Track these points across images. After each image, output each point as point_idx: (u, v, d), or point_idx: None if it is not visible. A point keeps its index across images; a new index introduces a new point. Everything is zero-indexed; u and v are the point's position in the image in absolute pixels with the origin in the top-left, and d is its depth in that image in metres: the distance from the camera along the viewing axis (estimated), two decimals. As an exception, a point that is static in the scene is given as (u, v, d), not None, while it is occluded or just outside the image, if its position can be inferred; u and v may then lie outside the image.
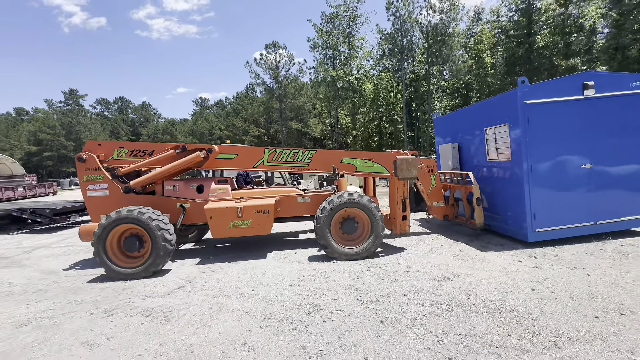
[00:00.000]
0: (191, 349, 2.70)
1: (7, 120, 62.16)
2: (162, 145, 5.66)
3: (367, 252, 4.98)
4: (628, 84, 5.07)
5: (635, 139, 5.15)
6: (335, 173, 5.56)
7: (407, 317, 3.02)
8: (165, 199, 5.50)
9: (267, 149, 5.67)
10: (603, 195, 5.10)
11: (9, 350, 2.85)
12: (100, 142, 5.58)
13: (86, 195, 5.30)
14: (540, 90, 4.97)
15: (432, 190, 5.99)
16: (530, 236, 5.00)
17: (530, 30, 20.90)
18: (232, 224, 5.02)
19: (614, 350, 2.36)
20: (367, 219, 5.05)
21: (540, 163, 4.97)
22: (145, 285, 4.33)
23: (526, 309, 3.06)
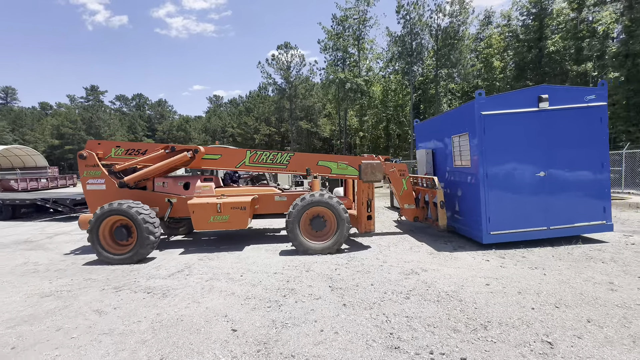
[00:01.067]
0: (181, 318, 3.24)
1: (32, 115, 65.25)
2: (154, 146, 6.30)
3: (332, 248, 5.41)
4: (583, 98, 5.34)
5: (587, 149, 5.40)
6: (309, 174, 6.06)
7: (368, 302, 3.48)
8: (155, 194, 6.10)
9: (249, 151, 6.21)
10: (556, 202, 5.37)
11: (36, 314, 3.47)
12: (99, 142, 6.26)
13: (86, 188, 5.96)
14: (497, 102, 5.31)
15: (403, 193, 6.37)
16: (485, 238, 5.34)
17: (541, 34, 20.72)
18: (212, 218, 5.54)
19: (532, 334, 2.76)
20: (334, 217, 5.48)
21: (495, 170, 5.30)
22: (150, 269, 4.93)
23: (473, 300, 3.46)
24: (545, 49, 20.66)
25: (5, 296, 4.01)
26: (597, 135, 5.38)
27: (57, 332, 3.05)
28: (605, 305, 3.24)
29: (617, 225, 6.97)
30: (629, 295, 3.47)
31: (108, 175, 5.96)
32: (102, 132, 57.67)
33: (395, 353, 2.53)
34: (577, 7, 19.10)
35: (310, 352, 2.57)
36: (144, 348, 2.71)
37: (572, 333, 2.75)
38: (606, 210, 5.46)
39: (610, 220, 5.50)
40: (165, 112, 74.57)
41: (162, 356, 2.58)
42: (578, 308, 3.21)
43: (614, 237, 5.91)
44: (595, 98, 5.33)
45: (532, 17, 21.73)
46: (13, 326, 3.20)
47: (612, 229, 5.57)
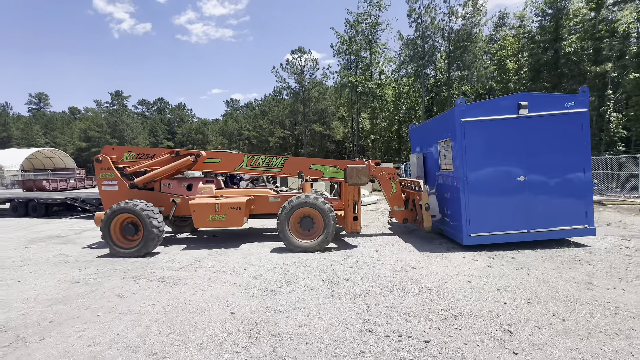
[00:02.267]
0: (189, 302, 3.72)
1: (62, 119, 69.21)
2: (161, 150, 6.92)
3: (319, 246, 5.79)
4: (563, 104, 5.44)
5: (569, 155, 5.49)
6: (301, 177, 6.48)
7: (353, 294, 3.84)
8: (161, 195, 6.71)
9: (247, 155, 6.74)
10: (536, 206, 5.49)
11: (68, 296, 4.05)
12: (114, 147, 6.96)
13: (101, 189, 6.66)
14: (477, 109, 5.52)
15: (392, 196, 6.66)
16: (465, 240, 5.54)
17: (557, 35, 20.28)
18: (210, 217, 6.04)
19: (497, 324, 3.04)
20: (321, 218, 5.85)
21: (475, 174, 5.50)
22: (165, 262, 5.48)
23: (452, 294, 3.75)
24: (562, 50, 20.21)
25: (42, 281, 4.65)
26: (578, 141, 5.47)
27: (86, 310, 3.60)
28: (576, 302, 3.46)
29: (619, 229, 6.98)
30: (602, 294, 3.66)
31: (120, 177, 6.63)
32: (126, 136, 60.43)
33: (367, 335, 2.89)
34: (596, 7, 18.62)
35: (295, 332, 2.97)
36: (156, 325, 3.20)
37: (534, 324, 3.01)
38: (588, 214, 5.54)
39: (592, 225, 5.57)
40: (184, 115, 77.14)
41: (170, 331, 3.06)
42: (548, 304, 3.44)
43: (609, 241, 5.97)
44: (575, 105, 5.42)
45: (547, 17, 21.31)
46: (50, 305, 3.78)
47: (594, 233, 5.63)
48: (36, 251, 6.56)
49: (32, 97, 76.22)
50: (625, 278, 4.13)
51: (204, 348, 2.75)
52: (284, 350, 2.68)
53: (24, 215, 12.02)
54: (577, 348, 2.61)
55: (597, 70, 18.93)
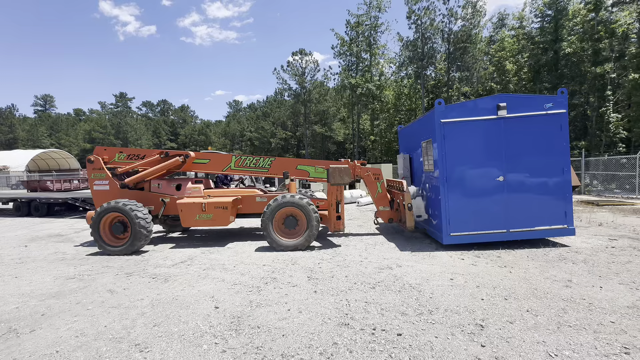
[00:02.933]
0: (176, 298, 3.85)
1: (67, 120, 70.04)
2: (152, 151, 7.09)
3: (302, 245, 5.89)
4: (542, 105, 5.48)
5: (547, 155, 5.52)
6: (287, 177, 6.60)
7: (336, 290, 3.95)
8: (151, 194, 6.87)
9: (234, 156, 6.90)
10: (516, 206, 5.53)
11: (61, 291, 4.19)
12: (105, 148, 7.14)
13: (92, 189, 6.84)
14: (456, 110, 5.60)
15: (377, 196, 6.76)
16: (445, 239, 5.61)
17: (556, 36, 20.26)
18: (197, 216, 6.19)
19: (470, 319, 3.12)
20: (304, 217, 5.95)
21: (455, 174, 5.56)
22: (158, 259, 5.62)
23: (432, 291, 3.84)
24: (562, 51, 20.19)
25: (39, 277, 4.81)
26: (557, 142, 5.51)
27: (77, 304, 3.74)
28: (552, 299, 3.53)
29: (609, 229, 7.01)
30: (579, 291, 3.73)
31: (111, 178, 6.81)
32: (129, 137, 61.01)
33: (343, 328, 2.99)
34: (594, 8, 18.60)
35: (274, 325, 3.08)
36: (142, 318, 3.33)
37: (507, 319, 3.10)
38: (567, 214, 5.57)
39: (571, 225, 5.59)
40: (187, 117, 77.73)
41: (155, 324, 3.18)
42: (525, 300, 3.52)
43: (597, 240, 6.02)
44: (553, 106, 5.46)
45: (547, 18, 21.30)
46: (43, 300, 3.93)
47: (573, 233, 5.65)
48: (35, 249, 6.74)
49: (37, 99, 77.26)
50: (605, 276, 4.19)
51: (184, 339, 2.87)
52: (261, 341, 2.79)
53: (27, 214, 12.27)
54: (543, 341, 2.69)
55: (597, 71, 18.88)
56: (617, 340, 2.68)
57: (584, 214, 9.01)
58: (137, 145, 60.07)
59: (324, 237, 7.05)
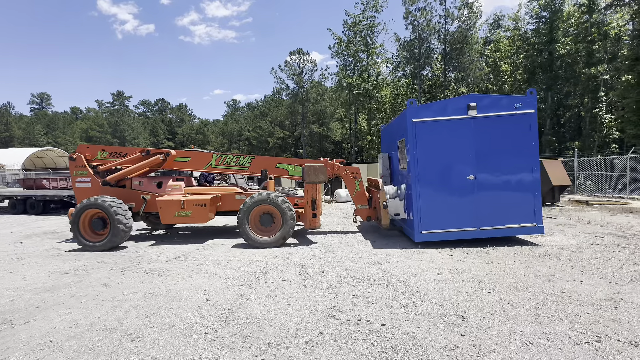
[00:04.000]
0: (169, 291, 3.93)
1: (64, 119, 69.74)
2: (133, 149, 7.18)
3: (277, 242, 5.98)
4: (511, 106, 5.58)
5: (517, 154, 5.61)
6: (265, 176, 6.68)
7: (325, 284, 4.04)
8: (132, 192, 6.96)
9: (215, 154, 6.99)
10: (486, 204, 5.64)
11: (56, 285, 4.27)
12: (88, 145, 7.22)
13: (75, 186, 6.93)
14: (428, 110, 5.72)
15: (356, 194, 6.89)
16: (417, 237, 5.72)
17: (551, 37, 20.46)
18: (177, 213, 6.29)
19: (453, 310, 3.23)
20: (280, 215, 6.03)
21: (426, 173, 5.68)
22: (152, 255, 5.69)
23: (418, 285, 3.95)
24: (556, 52, 20.39)
25: (34, 272, 4.87)
26: (526, 141, 5.59)
27: (71, 298, 3.81)
28: (533, 292, 3.65)
29: (597, 227, 7.16)
30: (561, 285, 3.85)
31: (93, 175, 6.91)
32: (126, 135, 60.80)
33: (329, 319, 3.09)
34: (588, 11, 18.81)
35: (262, 316, 3.18)
36: (135, 310, 3.41)
37: (488, 311, 3.21)
38: (536, 212, 5.65)
39: (540, 223, 5.69)
40: (185, 116, 77.56)
41: (147, 315, 3.27)
42: (507, 293, 3.63)
43: (584, 238, 6.16)
44: (522, 106, 5.55)
45: (543, 20, 21.50)
46: (38, 293, 4.00)
47: (542, 231, 5.75)
48: (31, 245, 6.79)
49: (34, 97, 76.83)
50: (587, 271, 4.31)
51: (175, 330, 2.95)
52: (249, 331, 2.89)
53: (23, 212, 12.29)
54: (520, 331, 2.80)
55: (591, 73, 19.10)
56: (591, 329, 2.80)
57: (573, 213, 9.18)
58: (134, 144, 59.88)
59: (323, 234, 7.14)
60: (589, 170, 15.91)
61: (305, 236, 6.98)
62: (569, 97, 20.76)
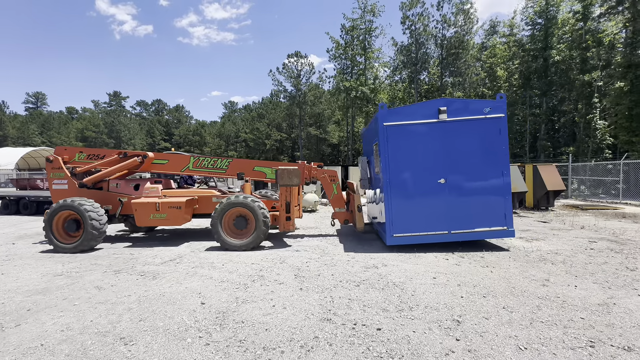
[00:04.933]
0: (163, 294, 3.89)
1: (59, 118, 69.13)
2: (111, 152, 7.16)
3: (251, 244, 5.98)
4: (482, 110, 5.62)
5: (487, 158, 5.63)
6: (241, 179, 6.73)
7: (321, 288, 4.03)
8: (109, 194, 6.94)
9: (193, 157, 6.99)
10: (457, 208, 5.66)
11: (48, 287, 4.21)
12: (66, 148, 7.21)
13: (52, 188, 6.88)
14: (399, 114, 5.75)
15: (333, 197, 6.89)
16: (389, 240, 5.74)
17: (546, 44, 20.75)
18: (152, 215, 6.27)
19: (448, 315, 3.24)
20: (253, 218, 6.04)
21: (398, 177, 5.70)
22: (147, 257, 5.64)
23: (414, 289, 3.95)
24: (551, 59, 20.67)
25: (26, 274, 4.80)
26: (496, 145, 5.61)
27: (64, 300, 3.76)
28: (528, 297, 3.67)
29: (590, 232, 7.23)
30: (555, 290, 3.87)
31: (70, 177, 6.87)
32: (123, 136, 60.41)
33: (325, 323, 3.08)
34: (582, 19, 19.12)
35: (258, 320, 3.16)
36: (128, 313, 3.37)
37: (483, 315, 3.22)
38: (507, 216, 5.66)
39: (511, 227, 5.69)
40: (182, 117, 77.30)
41: (141, 319, 3.23)
42: (502, 298, 3.65)
43: (578, 242, 6.22)
44: (492, 110, 5.57)
45: (538, 27, 21.81)
46: (30, 295, 3.94)
47: (513, 234, 5.75)
48: (23, 246, 6.70)
49: (29, 96, 76.15)
50: (581, 276, 4.35)
51: (169, 333, 2.93)
52: (244, 335, 2.87)
53: (16, 212, 12.14)
54: (515, 335, 2.81)
55: (585, 79, 19.37)
56: (585, 334, 2.82)
57: (568, 218, 9.26)
58: (130, 144, 59.51)
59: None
60: (583, 175, 16.10)
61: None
62: (563, 102, 21.02)
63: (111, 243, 6.80)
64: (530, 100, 23.18)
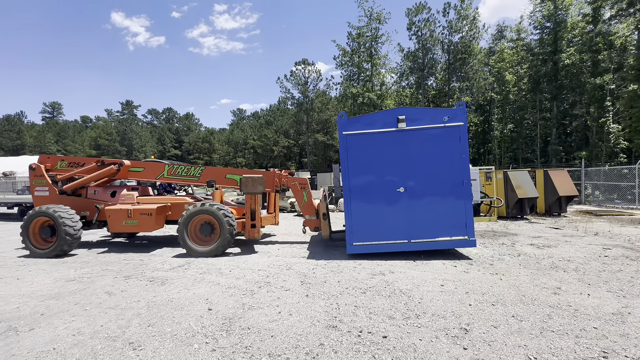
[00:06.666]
0: (171, 300, 3.95)
1: (74, 127, 71.20)
2: (90, 160, 7.41)
3: (216, 251, 6.05)
4: (441, 118, 5.57)
5: (447, 167, 5.55)
6: (212, 186, 6.87)
7: (327, 294, 4.03)
8: (87, 201, 7.16)
9: (167, 165, 7.16)
10: (417, 217, 5.59)
11: (61, 293, 4.31)
12: (49, 156, 7.48)
13: (34, 194, 7.15)
14: (358, 122, 5.76)
15: (304, 205, 6.91)
16: (349, 248, 5.72)
17: (555, 47, 20.52)
18: (124, 222, 6.41)
19: (456, 323, 3.19)
20: (218, 225, 6.08)
21: (357, 185, 5.71)
22: (156, 263, 5.73)
23: (421, 296, 3.91)
24: (561, 62, 20.41)
25: (40, 279, 4.94)
26: (456, 153, 5.53)
27: (75, 305, 3.85)
28: (539, 305, 3.59)
29: (605, 239, 7.04)
30: (567, 298, 3.78)
31: (51, 184, 7.12)
32: (134, 144, 61.76)
33: (331, 330, 3.07)
34: (592, 21, 18.88)
35: (264, 326, 3.17)
36: (137, 318, 3.43)
37: (491, 324, 3.16)
38: (468, 226, 5.54)
39: (472, 236, 5.56)
40: (192, 124, 78.69)
41: (149, 324, 3.28)
42: (512, 306, 3.58)
43: (591, 250, 6.05)
44: (451, 119, 5.52)
45: (546, 30, 21.61)
46: (43, 300, 4.05)
47: (474, 244, 5.61)
48: (38, 252, 6.87)
49: (46, 106, 78.77)
50: (594, 284, 4.23)
51: (176, 338, 2.96)
52: (250, 341, 2.88)
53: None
54: (525, 345, 2.75)
55: (597, 82, 19.03)
56: (598, 345, 2.74)
57: (581, 224, 9.03)
58: (141, 152, 60.74)
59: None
60: (597, 180, 15.71)
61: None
62: (575, 106, 20.66)
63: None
64: (541, 105, 22.85)
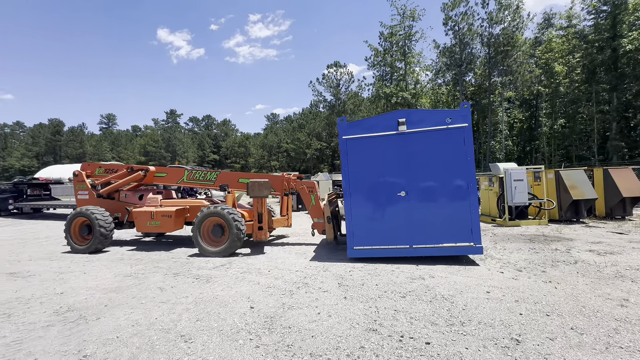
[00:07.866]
0: (216, 297, 4.17)
1: (126, 136, 78.01)
2: (122, 166, 8.13)
3: (226, 252, 6.31)
4: (443, 120, 5.22)
5: (451, 170, 5.20)
6: (224, 190, 7.14)
7: (366, 297, 3.99)
8: (120, 203, 7.90)
9: (187, 170, 7.61)
10: (419, 222, 5.31)
11: (120, 287, 4.75)
12: (89, 163, 8.36)
13: (77, 197, 8.02)
14: (358, 127, 5.61)
15: (312, 208, 6.92)
16: (350, 252, 5.56)
17: (614, 33, 18.45)
18: (148, 223, 6.98)
19: (506, 333, 3.00)
20: (227, 227, 6.26)
21: (358, 189, 5.56)
22: (201, 262, 6.08)
23: (465, 303, 3.73)
24: (621, 48, 18.35)
25: (102, 274, 5.47)
26: (460, 156, 5.17)
27: (133, 299, 4.21)
28: (602, 318, 3.26)
29: (682, 246, 6.17)
30: (637, 311, 3.39)
31: (90, 188, 7.95)
32: (178, 150, 66.09)
33: (371, 334, 3.04)
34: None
35: (304, 326, 3.23)
36: (187, 313, 3.67)
37: (547, 336, 2.93)
38: (474, 232, 5.13)
39: (479, 243, 5.13)
40: (229, 130, 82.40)
41: (197, 319, 3.50)
42: (569, 317, 3.29)
43: (666, 257, 5.35)
44: (454, 120, 5.17)
45: (603, 14, 19.56)
46: (106, 293, 4.48)
47: (481, 251, 5.18)
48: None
49: (102, 117, 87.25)
50: (671, 297, 3.74)
51: (223, 334, 3.12)
52: (291, 340, 2.95)
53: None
54: (587, 361, 2.52)
55: (667, 68, 16.83)
56: (678, 365, 2.42)
57: (651, 228, 8.02)
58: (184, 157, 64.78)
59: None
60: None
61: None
62: (639, 97, 18.43)
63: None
64: (597, 96, 20.65)
